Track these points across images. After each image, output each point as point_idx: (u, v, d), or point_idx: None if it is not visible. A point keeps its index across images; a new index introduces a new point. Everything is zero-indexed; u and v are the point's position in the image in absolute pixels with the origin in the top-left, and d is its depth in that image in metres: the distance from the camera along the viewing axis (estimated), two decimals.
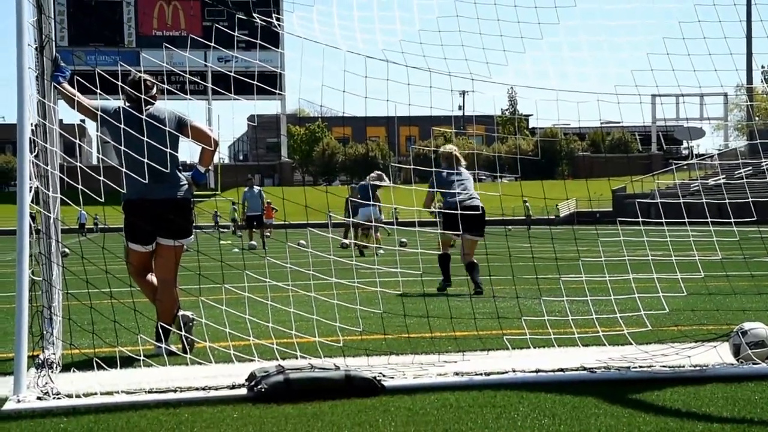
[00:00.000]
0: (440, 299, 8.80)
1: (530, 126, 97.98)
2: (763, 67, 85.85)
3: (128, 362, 5.61)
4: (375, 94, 6.20)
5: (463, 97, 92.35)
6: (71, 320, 5.63)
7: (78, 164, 6.23)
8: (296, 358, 5.58)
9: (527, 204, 44.54)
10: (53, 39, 5.91)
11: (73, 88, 6.10)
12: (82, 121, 6.27)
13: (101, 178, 5.61)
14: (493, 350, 6.07)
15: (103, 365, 5.30)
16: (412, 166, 7.26)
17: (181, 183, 6.42)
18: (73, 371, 5.21)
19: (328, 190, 7.13)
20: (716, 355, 5.40)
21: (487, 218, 10.98)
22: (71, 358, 5.63)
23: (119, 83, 6.28)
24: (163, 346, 6.08)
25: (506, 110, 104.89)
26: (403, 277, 10.81)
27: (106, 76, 6.22)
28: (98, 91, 6.27)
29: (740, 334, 5.36)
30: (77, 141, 7.61)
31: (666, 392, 4.71)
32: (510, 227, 23.04)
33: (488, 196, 7.42)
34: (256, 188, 26.58)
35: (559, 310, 7.68)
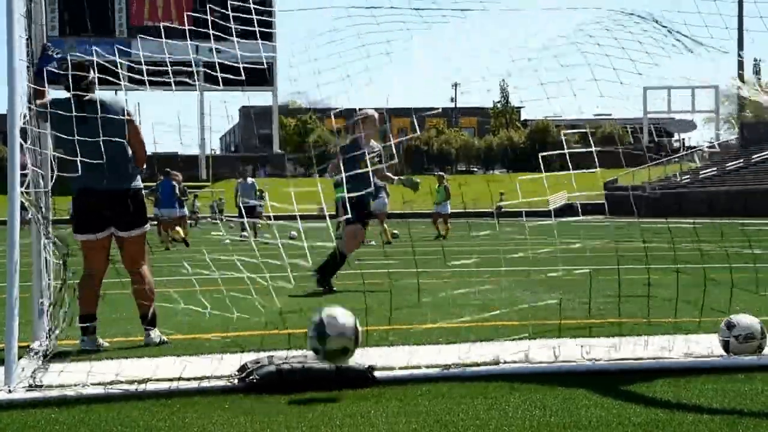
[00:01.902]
0: (432, 290, 8.82)
1: (522, 118, 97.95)
2: (755, 59, 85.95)
3: (119, 353, 5.60)
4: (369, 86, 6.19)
5: (455, 89, 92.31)
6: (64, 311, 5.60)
7: (49, 152, 6.13)
8: (287, 349, 5.57)
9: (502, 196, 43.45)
10: (44, 25, 5.89)
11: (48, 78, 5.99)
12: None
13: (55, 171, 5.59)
14: (484, 341, 6.08)
15: (95, 356, 5.29)
16: (393, 144, 7.17)
17: (134, 174, 6.30)
18: (64, 362, 5.20)
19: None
20: (709, 348, 5.41)
21: (479, 209, 10.85)
22: (61, 348, 5.61)
23: (121, 72, 6.21)
24: (154, 336, 6.07)
25: (498, 102, 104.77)
26: (394, 269, 10.83)
27: (104, 63, 6.20)
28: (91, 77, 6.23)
29: (728, 327, 5.37)
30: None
31: (656, 384, 4.73)
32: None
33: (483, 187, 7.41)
34: (250, 180, 26.64)
35: (547, 300, 7.69)
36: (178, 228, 22.76)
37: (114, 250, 6.30)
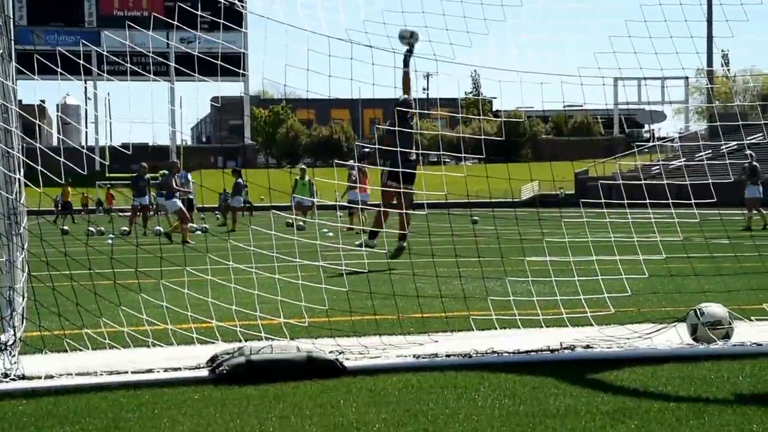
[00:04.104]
0: (406, 279, 8.82)
1: (494, 108, 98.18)
2: (722, 51, 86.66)
3: (90, 345, 5.56)
4: (339, 76, 6.19)
5: (427, 79, 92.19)
6: (37, 302, 5.55)
7: (38, 145, 6.14)
8: (260, 339, 5.56)
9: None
10: (11, 17, 5.81)
11: (34, 67, 5.98)
12: (42, 101, 6.15)
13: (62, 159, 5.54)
14: (457, 331, 6.10)
15: (65, 347, 5.25)
16: (377, 146, 7.24)
17: None
18: (34, 354, 5.16)
19: (291, 172, 7.07)
20: (676, 337, 5.46)
21: (454, 200, 11.01)
22: (30, 341, 5.57)
23: (81, 62, 6.19)
24: None
25: (470, 93, 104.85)
26: (369, 259, 10.81)
27: (68, 54, 6.14)
28: (59, 70, 6.19)
29: (698, 314, 5.43)
30: (37, 122, 7.52)
31: (624, 372, 4.77)
32: (476, 218, 23.10)
33: (453, 177, 7.43)
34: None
35: (521, 291, 7.73)
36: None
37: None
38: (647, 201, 6.93)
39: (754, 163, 23.22)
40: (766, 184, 23.70)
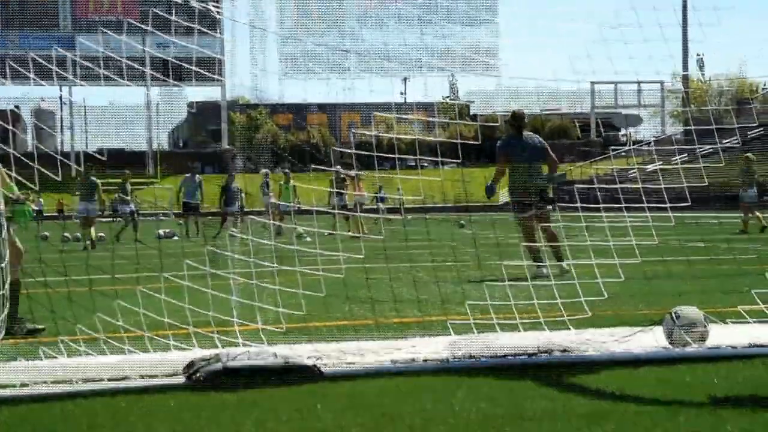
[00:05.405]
0: (384, 284, 8.80)
1: (471, 113, 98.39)
2: (698, 54, 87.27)
3: (65, 352, 5.51)
4: (315, 80, 6.19)
5: (405, 83, 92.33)
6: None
7: (11, 151, 6.10)
8: (237, 345, 5.53)
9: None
10: None
11: (5, 73, 5.96)
12: (17, 107, 6.13)
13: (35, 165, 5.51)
14: (434, 335, 6.10)
15: (40, 355, 5.21)
16: (353, 151, 7.24)
17: None
18: (8, 362, 5.12)
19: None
20: (652, 340, 5.49)
21: (429, 205, 10.93)
22: (5, 348, 5.52)
23: (53, 68, 6.16)
24: None
25: (447, 97, 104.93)
26: (346, 264, 10.80)
27: (40, 60, 6.10)
28: (32, 76, 6.15)
29: (674, 318, 5.46)
30: (10, 127, 7.46)
31: (601, 375, 4.79)
32: (463, 221, 23.18)
33: (431, 181, 7.45)
34: (197, 177, 26.27)
35: (498, 295, 7.73)
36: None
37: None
38: (623, 205, 6.97)
39: (753, 167, 23.33)
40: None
